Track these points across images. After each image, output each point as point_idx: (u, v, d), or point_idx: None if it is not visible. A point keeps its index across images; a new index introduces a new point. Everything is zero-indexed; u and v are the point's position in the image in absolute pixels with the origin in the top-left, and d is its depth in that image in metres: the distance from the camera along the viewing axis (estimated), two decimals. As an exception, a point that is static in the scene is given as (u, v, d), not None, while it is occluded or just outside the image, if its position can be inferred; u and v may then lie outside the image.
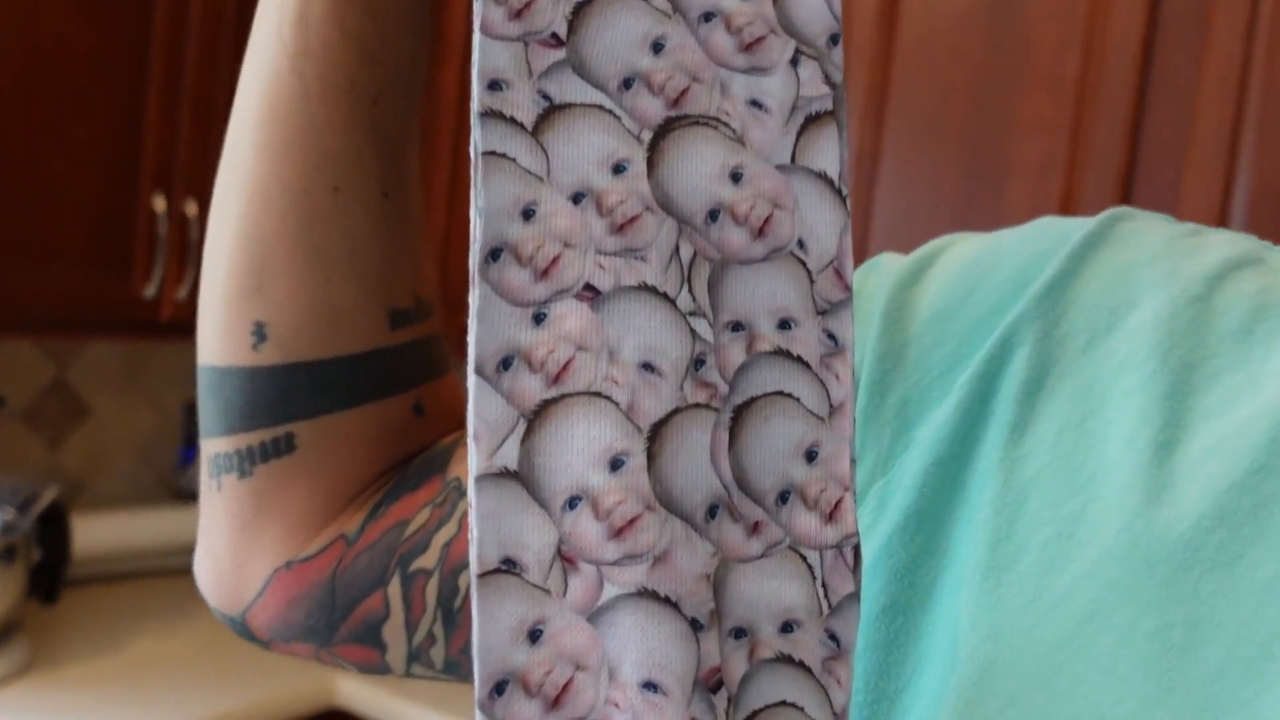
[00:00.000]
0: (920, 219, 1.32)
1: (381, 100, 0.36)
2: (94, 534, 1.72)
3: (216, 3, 1.57)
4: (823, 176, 0.28)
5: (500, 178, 0.26)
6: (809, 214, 0.28)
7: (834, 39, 0.28)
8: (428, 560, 0.35)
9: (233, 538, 0.37)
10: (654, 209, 0.27)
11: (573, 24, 0.27)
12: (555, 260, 0.26)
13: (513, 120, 0.27)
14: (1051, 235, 0.34)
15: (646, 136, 0.27)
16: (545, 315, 0.26)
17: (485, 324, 0.26)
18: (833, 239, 0.28)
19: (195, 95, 1.56)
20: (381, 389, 0.37)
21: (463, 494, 0.35)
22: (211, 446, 0.37)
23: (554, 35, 0.27)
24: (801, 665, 0.26)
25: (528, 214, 0.26)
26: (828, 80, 0.28)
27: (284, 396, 0.35)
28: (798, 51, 0.28)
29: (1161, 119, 1.20)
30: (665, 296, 0.27)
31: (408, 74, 0.37)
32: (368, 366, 0.36)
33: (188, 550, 1.83)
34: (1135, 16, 1.20)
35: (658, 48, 0.28)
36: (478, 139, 0.26)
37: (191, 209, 1.57)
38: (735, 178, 0.27)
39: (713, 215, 0.27)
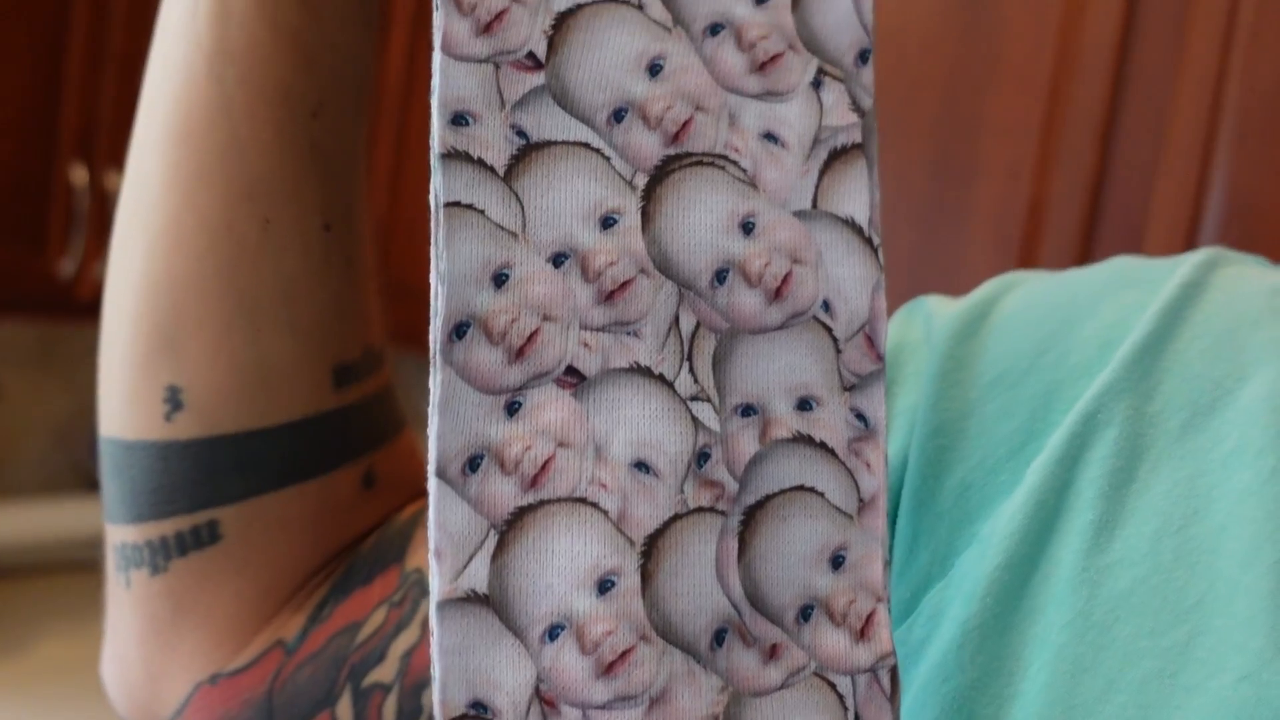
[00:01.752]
0: (885, 217, 1.29)
1: (322, 113, 0.30)
2: (1, 524, 1.63)
3: (146, -44, 1.47)
4: (850, 223, 0.23)
5: (467, 235, 0.21)
6: (835, 269, 0.23)
7: (863, 56, 0.24)
8: (384, 673, 0.30)
9: (145, 644, 0.31)
10: (650, 271, 0.22)
11: (554, 41, 0.22)
12: (532, 337, 0.21)
13: (481, 163, 0.22)
14: (1138, 282, 0.29)
15: (641, 181, 0.23)
16: (520, 405, 0.21)
17: (449, 417, 0.21)
18: (863, 299, 0.23)
19: (122, 55, 1.43)
20: (324, 462, 0.31)
21: (425, 590, 0.30)
22: (117, 535, 0.31)
23: (531, 55, 0.22)
24: None
25: (500, 280, 0.21)
26: (856, 107, 0.24)
27: (205, 477, 0.30)
28: (821, 72, 0.24)
29: (1135, 124, 1.18)
30: (662, 379, 0.22)
31: (353, 80, 0.31)
32: (307, 436, 0.31)
33: (98, 542, 1.75)
34: (1111, 18, 1.17)
35: (655, 70, 0.23)
36: (438, 187, 0.22)
37: (114, 181, 1.45)
38: (746, 229, 0.23)
39: (720, 276, 0.23)
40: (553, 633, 0.21)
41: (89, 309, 1.48)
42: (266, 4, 0.28)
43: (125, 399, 0.30)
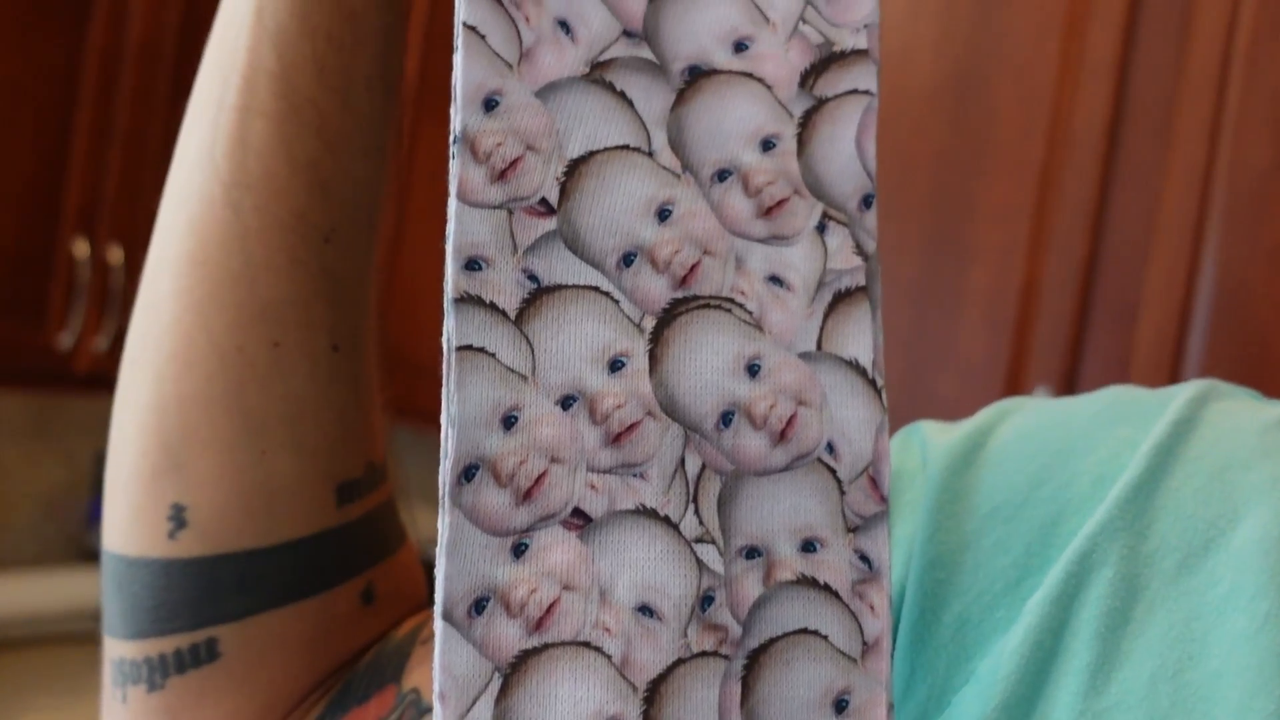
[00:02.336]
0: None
1: (334, 238, 0.30)
2: None
3: (154, 34, 1.47)
4: (854, 365, 0.24)
5: (477, 379, 0.22)
6: (839, 411, 0.24)
7: (867, 200, 0.25)
8: None
9: None
10: (656, 414, 0.23)
11: (565, 187, 0.23)
12: (540, 479, 0.22)
13: (493, 306, 0.22)
14: (1131, 417, 0.30)
15: (649, 324, 0.23)
16: (527, 546, 0.21)
17: (456, 559, 0.21)
18: (867, 440, 0.24)
19: (127, 133, 1.46)
20: (325, 579, 0.31)
21: (423, 710, 0.30)
22: (116, 649, 0.31)
23: (543, 201, 0.23)
24: None
25: (509, 422, 0.22)
26: (859, 250, 0.25)
27: (206, 595, 0.30)
28: (825, 216, 0.24)
29: (1125, 208, 1.20)
30: (667, 521, 0.22)
31: (367, 205, 0.31)
32: (309, 554, 0.31)
33: (93, 615, 1.72)
34: (1101, 104, 1.20)
35: (664, 215, 0.24)
36: (451, 331, 0.22)
37: (116, 255, 1.47)
38: (752, 371, 0.23)
39: (725, 419, 0.23)
40: (555, 780, 0.21)
41: (86, 381, 1.48)
42: (285, 136, 0.29)
43: (130, 516, 0.30)
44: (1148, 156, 1.17)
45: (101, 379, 1.48)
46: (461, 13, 0.23)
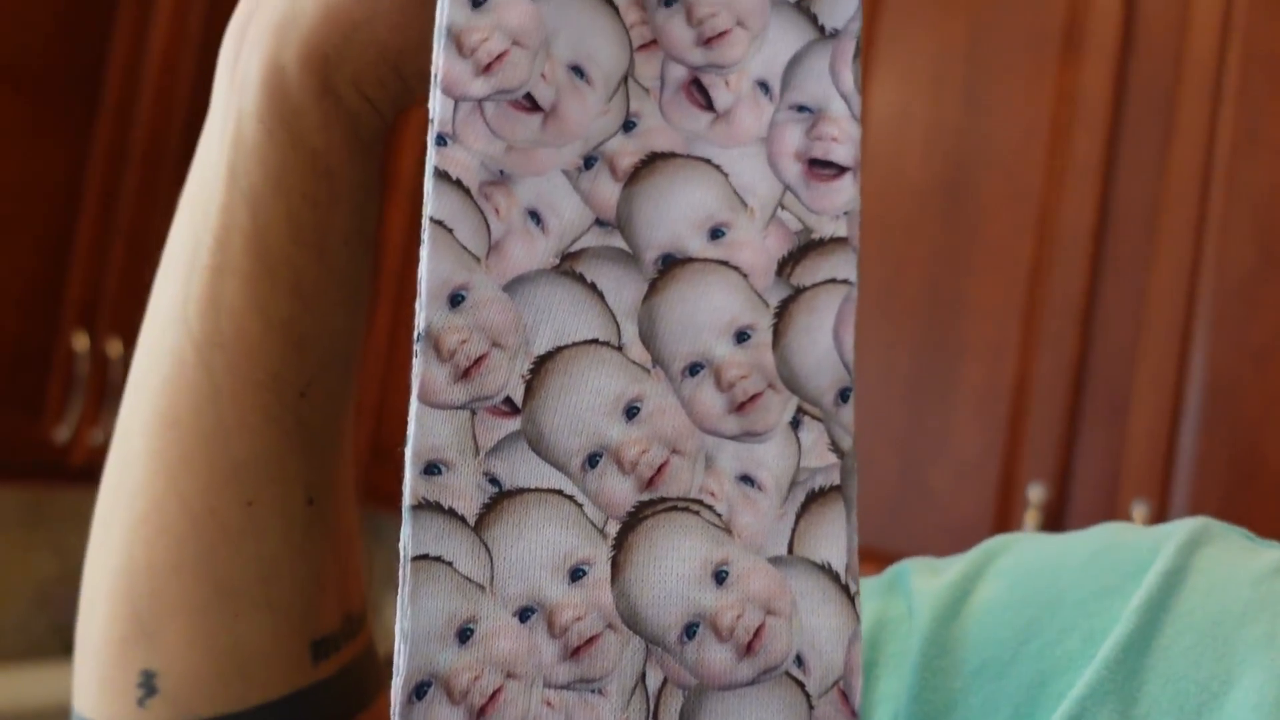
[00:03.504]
0: (871, 396, 1.30)
1: (310, 391, 0.30)
2: None
3: (159, 134, 1.50)
4: (827, 570, 0.23)
5: (432, 590, 0.21)
6: (809, 619, 0.23)
7: (844, 394, 0.24)
8: None
9: None
10: (617, 626, 0.22)
11: (531, 385, 0.22)
12: (494, 696, 0.21)
13: (451, 513, 0.21)
14: (1121, 564, 0.29)
15: (613, 529, 0.22)
16: (479, 771, 0.20)
17: None
18: (838, 651, 0.23)
19: (130, 229, 1.48)
20: None
21: None
22: None
23: (508, 400, 0.22)
24: None
25: (464, 635, 0.21)
26: (835, 447, 0.24)
27: None
28: (800, 411, 0.24)
29: (1114, 307, 1.20)
30: None
31: (342, 357, 0.31)
32: (284, 715, 0.29)
33: None
34: (1087, 205, 1.21)
35: (632, 412, 0.23)
36: (407, 540, 0.21)
37: (115, 348, 1.48)
38: (719, 578, 0.22)
39: (690, 631, 0.22)
40: None
41: (80, 473, 1.47)
42: (259, 295, 0.29)
43: (99, 682, 0.29)
44: (1134, 256, 1.18)
45: (96, 471, 1.47)
46: (429, 208, 0.23)
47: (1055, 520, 1.16)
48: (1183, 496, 1.13)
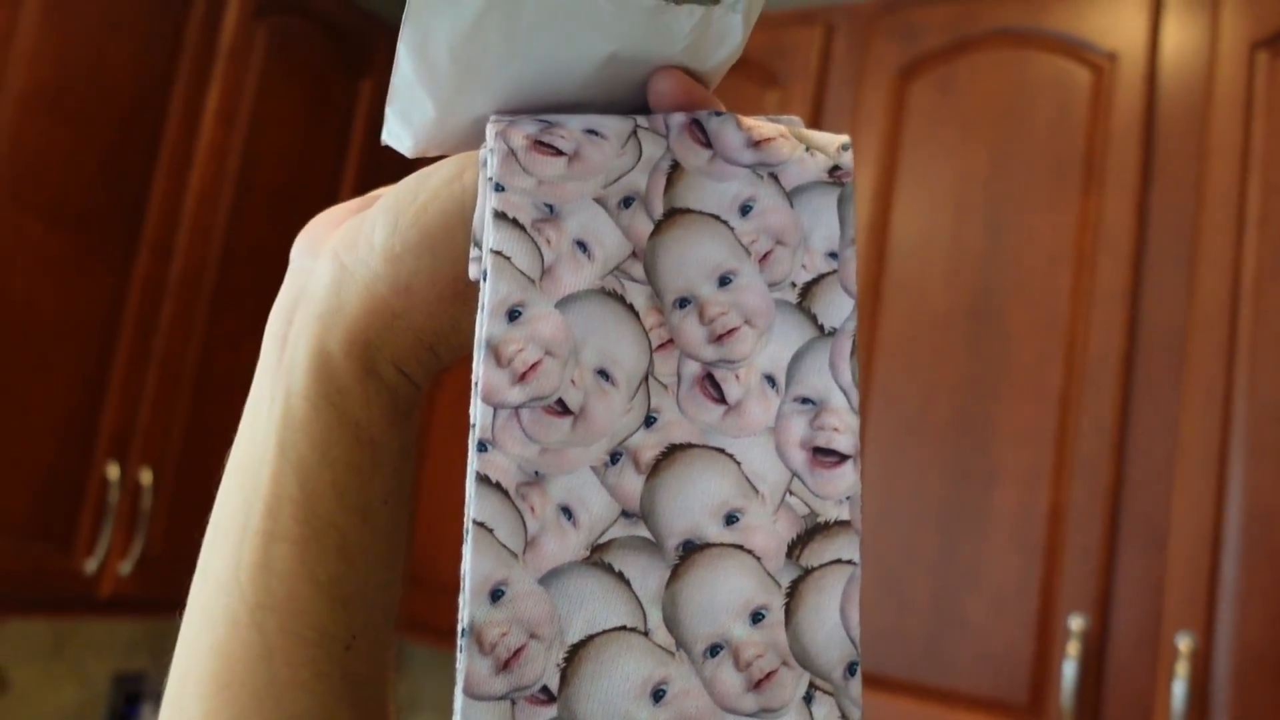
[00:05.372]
0: (902, 519, 1.30)
1: (355, 645, 0.32)
2: None
3: (195, 267, 1.56)
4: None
5: None
6: None
7: (851, 669, 0.26)
8: None
9: None
10: None
11: (565, 673, 0.25)
12: None
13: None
14: None
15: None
16: None
17: None
18: None
19: (163, 360, 1.52)
20: None
21: None
22: None
23: (545, 689, 0.25)
24: None
25: None
26: (845, 719, 0.26)
27: None
28: (812, 686, 0.26)
29: (1147, 433, 1.20)
30: None
31: (384, 605, 0.33)
32: None
33: None
34: (1115, 330, 1.22)
35: (658, 695, 0.25)
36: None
37: (146, 477, 1.50)
38: None
39: None
40: None
41: (107, 605, 1.49)
42: (308, 559, 0.31)
43: None
44: (1165, 381, 1.19)
45: (123, 602, 1.49)
46: (472, 510, 0.25)
47: (1097, 651, 1.15)
48: (1227, 625, 1.12)
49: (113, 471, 1.47)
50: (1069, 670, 1.14)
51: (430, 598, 1.52)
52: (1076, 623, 1.15)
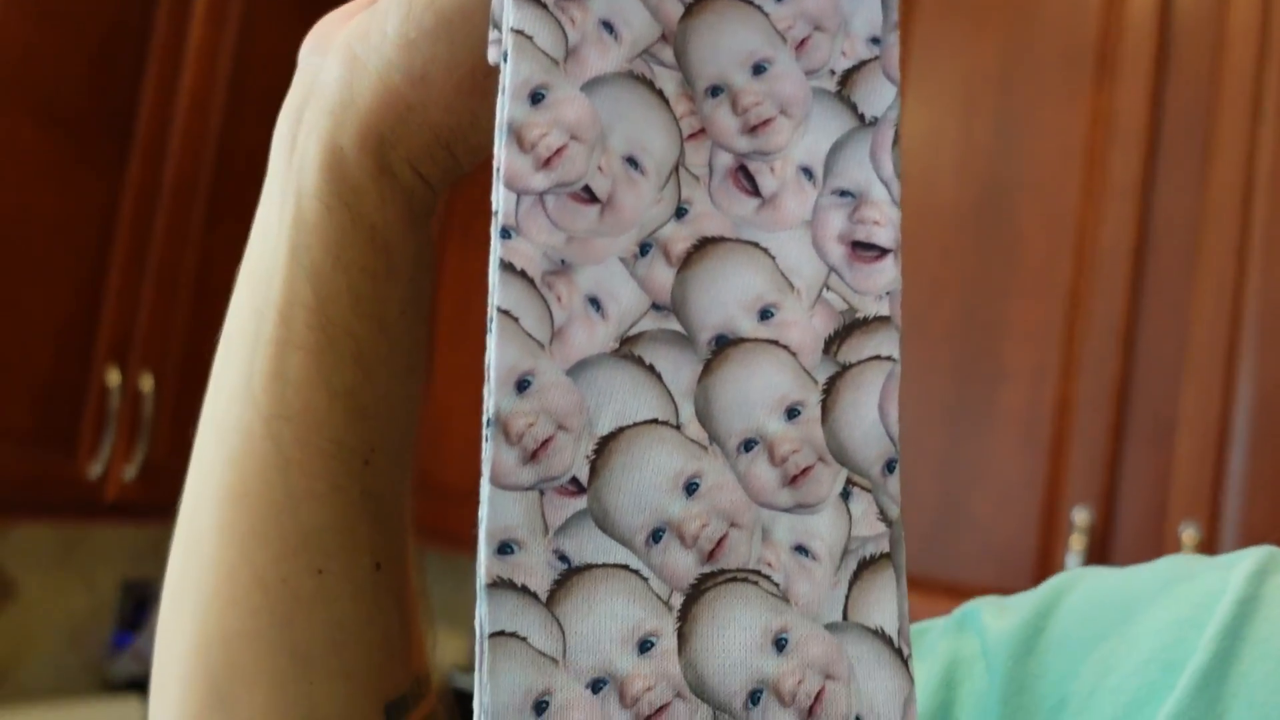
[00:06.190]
0: (909, 417, 1.30)
1: (373, 459, 0.31)
2: None
3: (190, 171, 1.53)
4: (880, 634, 0.24)
5: (509, 666, 0.22)
6: (866, 683, 0.24)
7: (890, 466, 0.25)
8: None
9: None
10: (685, 695, 0.23)
11: (595, 465, 0.24)
12: None
13: (525, 590, 0.23)
14: (1192, 594, 0.30)
15: (678, 600, 0.23)
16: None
17: None
18: (895, 712, 0.24)
19: (160, 264, 1.51)
20: None
21: None
22: None
23: (574, 480, 0.24)
24: None
25: (540, 708, 0.22)
26: (883, 516, 0.25)
27: None
28: (849, 483, 0.25)
29: (1156, 326, 1.19)
30: None
31: (403, 421, 0.32)
32: None
33: None
34: (1126, 225, 1.21)
35: (691, 488, 0.24)
36: (484, 617, 0.22)
37: (147, 383, 1.50)
38: (779, 645, 0.24)
39: (754, 697, 0.23)
40: None
41: (113, 510, 1.49)
42: (323, 367, 0.30)
43: None
44: (1176, 275, 1.18)
45: (128, 507, 1.49)
46: (496, 297, 0.24)
47: (1101, 544, 1.16)
48: (1233, 516, 1.12)
49: (113, 377, 1.47)
50: (1072, 563, 1.14)
51: (439, 504, 1.53)
52: (1081, 515, 1.16)
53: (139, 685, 1.79)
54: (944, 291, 1.29)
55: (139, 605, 1.84)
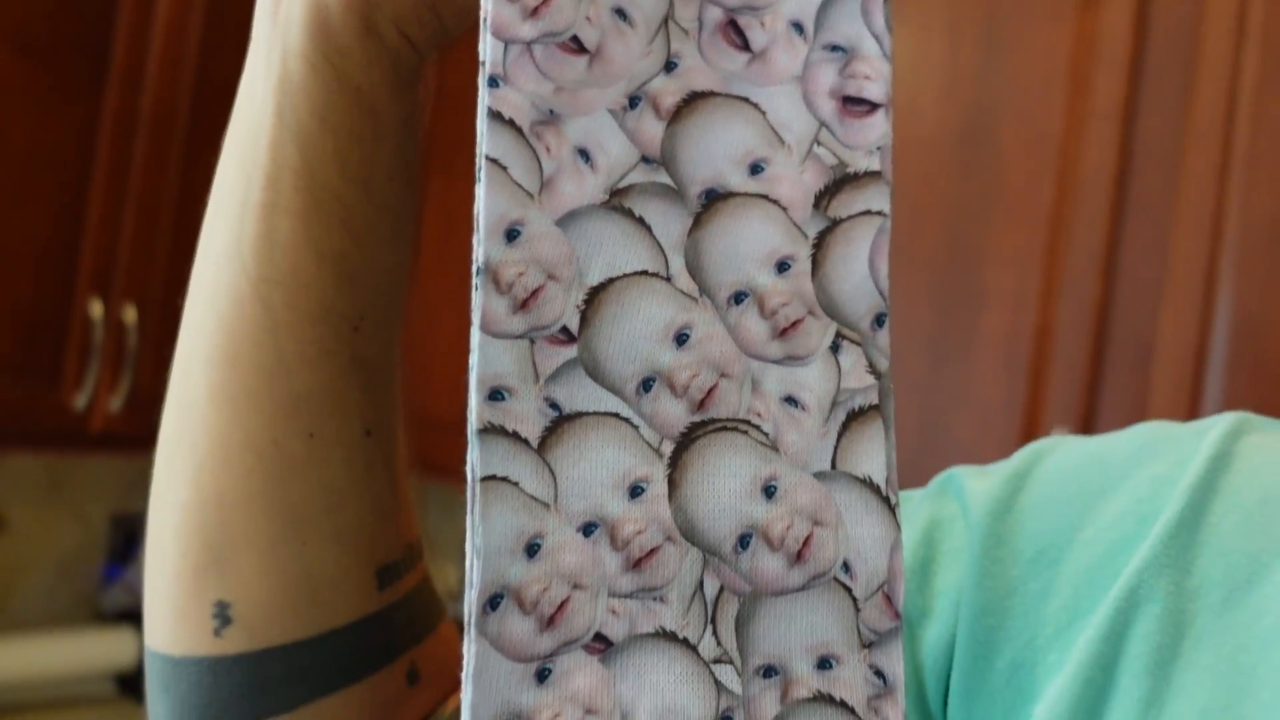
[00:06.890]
0: (891, 345, 1.30)
1: (362, 325, 0.31)
2: (4, 659, 1.58)
3: (168, 100, 1.50)
4: (868, 483, 0.24)
5: (501, 509, 0.22)
6: (854, 529, 0.24)
7: (880, 320, 0.25)
8: None
9: None
10: (675, 538, 0.23)
11: (586, 314, 0.24)
12: (563, 606, 0.22)
13: (516, 436, 0.23)
14: (1167, 454, 0.31)
15: (668, 448, 0.24)
16: (550, 672, 0.22)
17: (481, 687, 0.22)
18: (882, 558, 0.24)
19: (140, 195, 1.48)
20: (370, 663, 0.31)
21: None
22: None
23: (564, 330, 0.24)
24: None
25: (532, 550, 0.22)
26: (872, 369, 0.25)
27: (254, 690, 0.30)
28: (839, 336, 0.25)
29: (1137, 250, 1.20)
30: (686, 643, 0.23)
31: (391, 289, 0.32)
32: (354, 640, 0.31)
33: (106, 677, 1.70)
34: (1109, 148, 1.21)
35: (682, 339, 0.24)
36: (475, 461, 0.23)
37: (130, 315, 1.48)
38: (768, 492, 0.24)
39: (743, 541, 0.23)
40: None
41: (99, 441, 1.48)
42: (311, 231, 0.30)
43: (172, 616, 0.31)
44: (1157, 198, 1.18)
45: (115, 439, 1.49)
46: (484, 146, 0.24)
47: (1080, 464, 1.17)
48: (1207, 437, 1.13)
49: (96, 308, 1.45)
50: (1051, 482, 1.16)
51: (428, 435, 1.53)
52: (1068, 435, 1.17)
53: (131, 616, 1.80)
54: (926, 216, 1.29)
55: (129, 538, 1.85)
